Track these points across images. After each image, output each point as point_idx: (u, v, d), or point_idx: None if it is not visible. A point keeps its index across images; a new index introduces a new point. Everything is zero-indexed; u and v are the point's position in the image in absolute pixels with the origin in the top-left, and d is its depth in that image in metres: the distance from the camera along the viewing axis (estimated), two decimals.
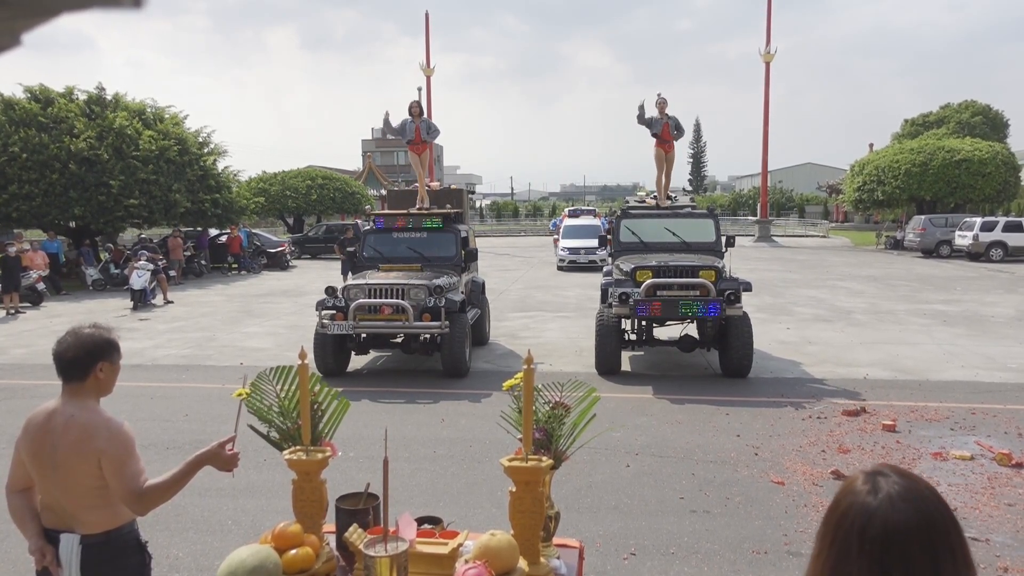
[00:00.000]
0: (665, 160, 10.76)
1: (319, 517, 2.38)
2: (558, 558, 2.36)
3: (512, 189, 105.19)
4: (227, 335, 12.58)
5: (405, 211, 10.78)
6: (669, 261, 9.19)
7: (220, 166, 26.30)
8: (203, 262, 24.19)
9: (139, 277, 15.88)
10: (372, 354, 10.55)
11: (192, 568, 4.44)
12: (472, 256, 10.73)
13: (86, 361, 2.40)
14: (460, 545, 2.19)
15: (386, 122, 10.93)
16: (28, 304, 16.45)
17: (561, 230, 26.33)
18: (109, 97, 23.28)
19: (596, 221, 26.59)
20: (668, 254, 9.74)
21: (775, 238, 38.86)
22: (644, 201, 11.16)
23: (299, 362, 2.40)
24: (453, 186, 13.69)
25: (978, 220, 26.11)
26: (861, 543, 1.16)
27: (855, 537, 1.17)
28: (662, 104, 10.48)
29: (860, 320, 13.27)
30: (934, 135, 40.75)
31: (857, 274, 21.54)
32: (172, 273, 20.68)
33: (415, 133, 10.90)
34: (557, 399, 2.37)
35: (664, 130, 10.51)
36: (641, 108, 10.55)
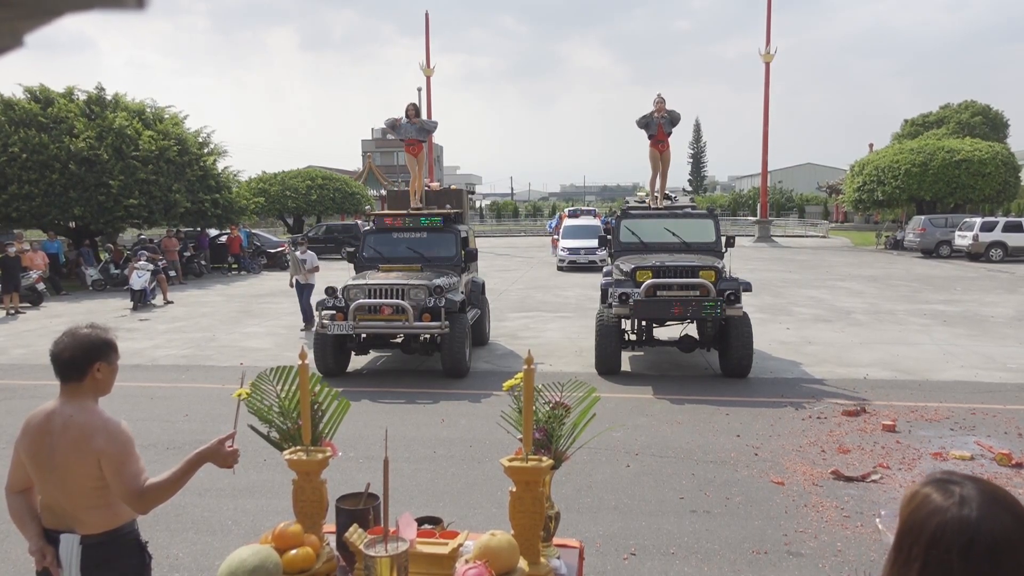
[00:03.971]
0: (660, 160, 10.71)
1: (319, 517, 2.38)
2: (558, 558, 2.36)
3: (512, 189, 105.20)
4: (227, 335, 12.58)
5: (405, 211, 10.80)
6: (669, 261, 9.19)
7: (220, 166, 26.31)
8: (203, 262, 24.18)
9: (139, 277, 15.88)
10: (372, 354, 10.55)
11: (192, 568, 4.44)
12: (472, 256, 10.74)
13: (83, 361, 2.40)
14: (460, 545, 2.19)
15: (391, 125, 11.00)
16: (28, 304, 16.45)
17: (561, 230, 26.36)
18: (109, 97, 23.29)
19: (596, 221, 26.60)
20: (668, 254, 9.74)
21: (775, 238, 38.86)
22: (644, 201, 11.16)
23: (299, 362, 2.40)
24: (453, 186, 13.69)
25: (978, 220, 26.11)
26: (965, 562, 1.06)
27: (957, 557, 1.07)
28: (659, 104, 10.44)
29: (860, 320, 13.28)
30: (934, 135, 40.79)
31: (857, 274, 21.54)
32: (172, 273, 20.68)
33: (407, 134, 10.94)
34: (557, 399, 2.37)
35: (659, 130, 10.49)
36: (644, 117, 10.56)
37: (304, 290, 12.73)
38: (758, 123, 42.70)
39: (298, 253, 12.81)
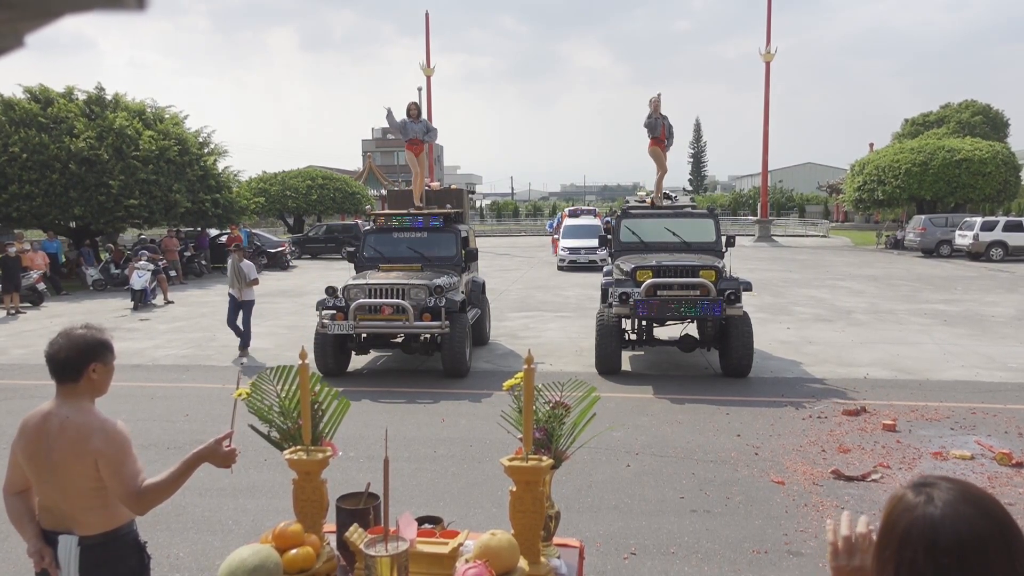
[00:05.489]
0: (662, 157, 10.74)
1: (320, 517, 2.38)
2: (558, 558, 2.36)
3: (512, 189, 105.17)
4: (227, 335, 12.55)
5: (405, 211, 10.80)
6: (669, 261, 9.19)
7: (220, 166, 26.31)
8: (203, 262, 24.19)
9: (139, 277, 15.89)
10: (372, 354, 10.55)
11: (193, 568, 4.44)
12: (472, 256, 10.74)
13: (79, 362, 2.39)
14: (460, 545, 2.19)
15: (389, 117, 10.98)
16: (28, 304, 16.46)
17: (561, 230, 26.37)
18: (109, 97, 23.30)
19: (596, 221, 26.60)
20: (668, 254, 9.74)
21: (775, 238, 38.87)
22: (644, 201, 11.16)
23: (299, 362, 2.40)
24: (453, 186, 13.68)
25: (978, 220, 26.11)
26: (932, 559, 1.05)
27: (923, 555, 1.06)
28: (656, 102, 10.44)
29: (860, 320, 13.27)
30: (934, 135, 40.74)
31: (857, 274, 21.53)
32: (172, 273, 20.69)
33: (413, 133, 10.94)
34: (557, 399, 2.37)
35: (662, 130, 10.51)
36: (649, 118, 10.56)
37: (242, 306, 10.78)
38: (758, 123, 42.74)
39: (242, 264, 10.69)
